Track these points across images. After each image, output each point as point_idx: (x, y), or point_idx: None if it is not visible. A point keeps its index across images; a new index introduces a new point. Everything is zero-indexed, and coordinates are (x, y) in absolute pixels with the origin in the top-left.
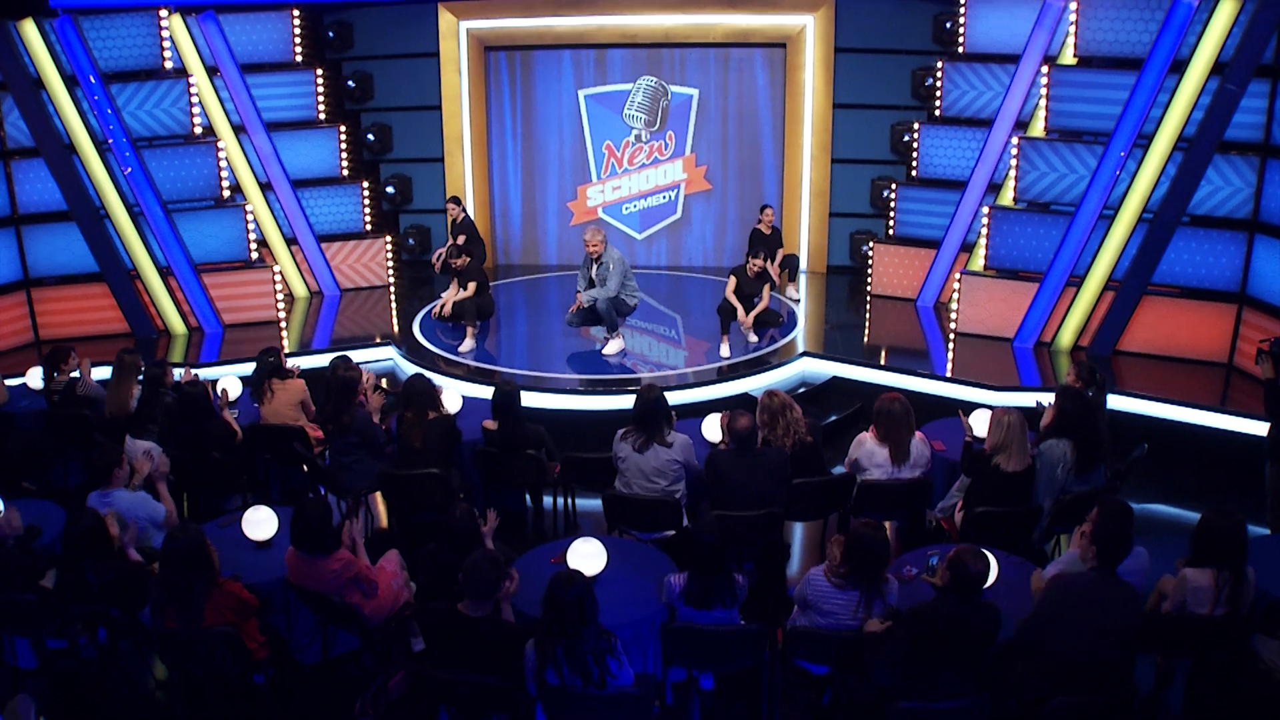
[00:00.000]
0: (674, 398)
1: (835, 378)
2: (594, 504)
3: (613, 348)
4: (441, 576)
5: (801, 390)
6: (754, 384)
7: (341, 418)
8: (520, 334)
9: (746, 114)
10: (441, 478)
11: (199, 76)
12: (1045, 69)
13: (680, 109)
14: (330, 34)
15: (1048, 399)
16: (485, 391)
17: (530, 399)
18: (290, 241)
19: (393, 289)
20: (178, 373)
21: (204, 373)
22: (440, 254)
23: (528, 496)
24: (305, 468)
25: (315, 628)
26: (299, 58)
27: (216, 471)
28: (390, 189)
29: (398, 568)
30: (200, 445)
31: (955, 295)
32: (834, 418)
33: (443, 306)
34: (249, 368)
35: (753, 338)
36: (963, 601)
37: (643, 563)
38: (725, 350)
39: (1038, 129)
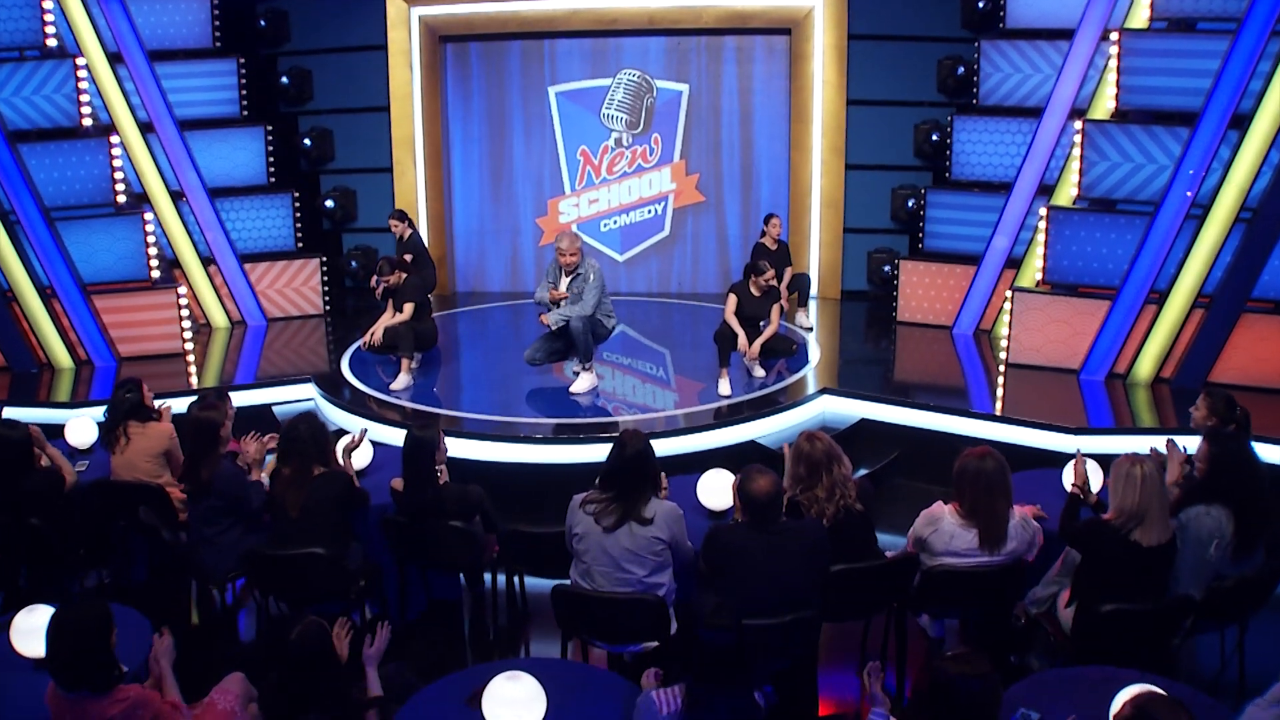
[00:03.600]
0: (661, 447)
1: (864, 420)
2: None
3: (583, 384)
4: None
5: None
6: (761, 429)
7: (199, 473)
8: (471, 369)
9: (745, 113)
10: (327, 559)
11: (99, 63)
12: (1116, 36)
13: (668, 107)
14: (262, 23)
15: (1161, 444)
16: None
17: (480, 449)
18: (207, 261)
19: (328, 319)
20: None
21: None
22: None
23: (463, 577)
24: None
25: None
26: (217, 44)
27: (39, 542)
28: (330, 203)
29: (237, 704)
30: (16, 507)
31: (1005, 319)
32: (865, 471)
33: (373, 334)
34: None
35: (758, 371)
36: None
37: (606, 703)
38: (725, 387)
39: (1102, 111)
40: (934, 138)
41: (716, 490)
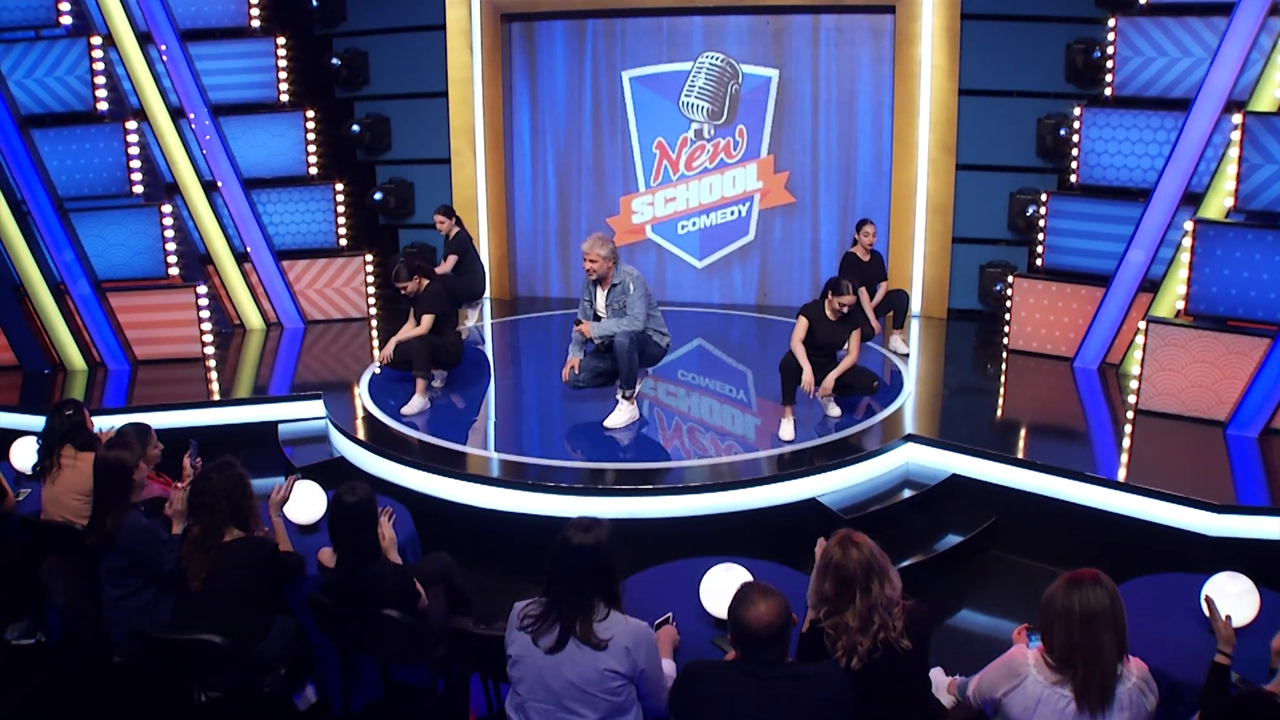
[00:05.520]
0: (699, 504)
1: (956, 476)
2: None
3: (620, 417)
4: None
5: (905, 496)
6: (825, 485)
7: (104, 524)
8: (510, 391)
9: (843, 103)
10: (222, 649)
11: (128, 44)
12: None
13: (754, 96)
14: (315, 2)
15: None
16: (433, 483)
17: (495, 497)
18: (242, 258)
19: (374, 323)
20: None
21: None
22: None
23: None
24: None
25: None
26: (255, 23)
27: None
28: (379, 196)
29: None
30: None
31: (1137, 355)
32: (956, 540)
33: (387, 348)
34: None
35: (833, 410)
36: None
37: None
38: (787, 430)
39: (1268, 101)
40: (1060, 134)
41: (726, 594)
